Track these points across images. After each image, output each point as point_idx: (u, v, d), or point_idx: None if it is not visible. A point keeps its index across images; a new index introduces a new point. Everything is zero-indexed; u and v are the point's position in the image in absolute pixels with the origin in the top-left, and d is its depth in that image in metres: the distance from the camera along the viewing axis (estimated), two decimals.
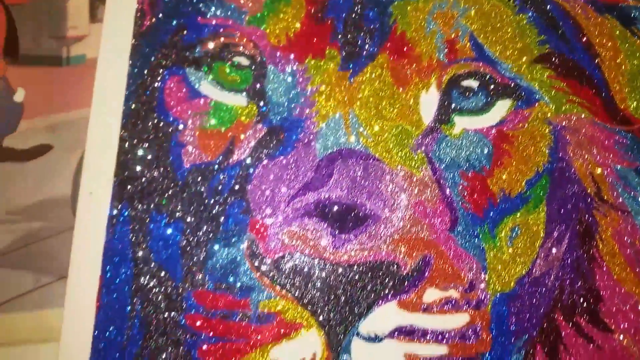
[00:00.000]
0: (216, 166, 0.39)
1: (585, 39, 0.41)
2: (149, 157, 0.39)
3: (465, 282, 0.38)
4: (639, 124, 0.41)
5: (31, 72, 0.42)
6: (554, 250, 0.39)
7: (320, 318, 0.37)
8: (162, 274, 0.38)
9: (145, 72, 0.40)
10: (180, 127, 0.39)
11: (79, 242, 0.38)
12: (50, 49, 0.41)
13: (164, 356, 0.37)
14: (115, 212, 0.38)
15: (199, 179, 0.39)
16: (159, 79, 0.39)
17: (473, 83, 0.40)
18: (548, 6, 0.41)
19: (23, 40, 0.41)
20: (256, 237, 0.38)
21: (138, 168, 0.39)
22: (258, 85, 0.40)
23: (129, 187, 0.38)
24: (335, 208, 0.39)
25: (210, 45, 0.40)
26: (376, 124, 0.40)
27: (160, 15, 0.41)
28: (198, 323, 0.37)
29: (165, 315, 0.37)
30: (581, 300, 0.38)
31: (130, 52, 0.40)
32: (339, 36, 0.40)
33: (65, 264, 0.38)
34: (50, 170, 0.41)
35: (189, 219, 0.38)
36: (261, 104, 0.39)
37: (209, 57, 0.40)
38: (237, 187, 0.39)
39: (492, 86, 0.40)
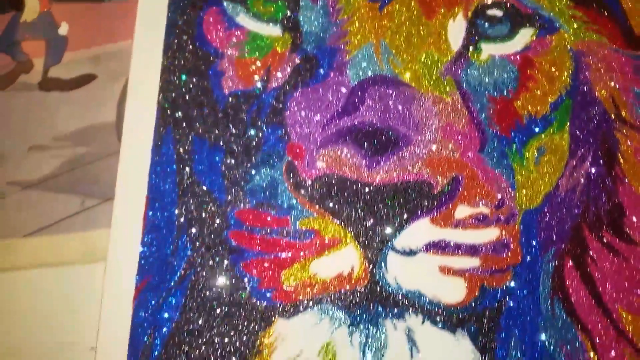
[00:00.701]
0: (254, 93, 0.41)
1: None
2: (190, 85, 0.41)
3: (495, 199, 0.39)
4: None
5: (75, 7, 0.42)
6: (578, 168, 0.41)
7: (357, 234, 0.39)
8: (206, 194, 0.39)
9: (185, 4, 0.41)
10: (219, 56, 0.41)
11: (125, 166, 0.38)
12: None
13: (208, 270, 0.39)
14: (159, 137, 0.40)
15: (238, 105, 0.41)
16: (198, 11, 0.41)
17: (497, 12, 0.41)
18: None
19: None
20: (294, 160, 0.40)
21: (180, 95, 0.40)
22: (292, 16, 0.41)
23: (171, 113, 0.41)
24: (369, 132, 0.40)
25: None
26: (406, 52, 0.41)
27: None
28: (241, 239, 0.39)
29: (210, 232, 0.39)
30: (606, 214, 0.40)
31: None
32: None
33: (110, 186, 0.39)
34: (94, 98, 0.41)
35: (229, 143, 0.40)
36: (295, 33, 0.41)
37: None
38: (274, 113, 0.40)
39: (515, 15, 0.41)
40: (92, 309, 0.38)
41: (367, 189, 0.39)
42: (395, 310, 0.37)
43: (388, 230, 0.38)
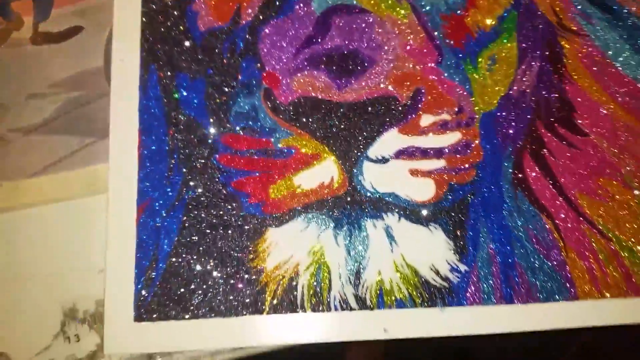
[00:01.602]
0: (227, 29, 0.43)
1: None
2: (169, 23, 0.42)
3: (455, 106, 0.42)
4: None
5: None
6: (527, 72, 0.43)
7: (334, 148, 0.41)
8: (193, 123, 0.41)
9: None
10: None
11: (116, 104, 0.40)
12: None
13: (201, 190, 0.41)
14: (144, 75, 0.42)
15: (214, 41, 0.42)
16: None
17: None
18: None
19: None
20: (270, 87, 0.42)
21: (160, 36, 0.42)
22: None
23: (154, 52, 0.42)
24: (337, 56, 0.43)
25: None
26: None
27: None
28: (229, 162, 0.41)
29: (200, 157, 0.41)
30: (557, 111, 0.42)
31: None
32: None
33: (105, 124, 0.40)
34: (83, 47, 0.43)
35: (209, 76, 0.42)
36: None
37: None
38: (248, 45, 0.42)
39: None
40: (98, 235, 0.40)
41: (339, 108, 0.42)
42: (374, 211, 0.40)
43: (362, 142, 0.42)
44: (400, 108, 0.41)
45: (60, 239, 0.40)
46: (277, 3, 0.42)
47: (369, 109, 0.41)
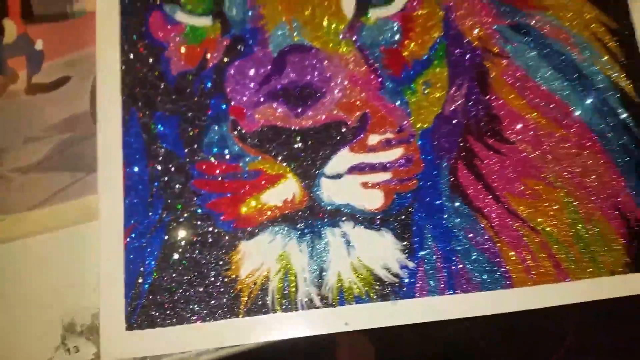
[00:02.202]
0: (196, 71, 0.48)
1: None
2: (145, 69, 0.48)
3: (396, 126, 0.47)
4: None
5: (46, 26, 0.48)
6: (457, 93, 0.48)
7: (294, 168, 0.46)
8: (170, 154, 0.46)
9: (133, 12, 0.48)
10: (165, 47, 0.48)
11: (102, 142, 0.45)
12: (57, 8, 0.48)
13: (180, 212, 0.46)
14: (126, 115, 0.48)
15: (185, 82, 0.48)
16: (144, 14, 0.48)
17: None
18: None
19: (35, 4, 0.48)
20: (236, 118, 0.47)
21: (138, 80, 0.47)
22: (219, 8, 0.48)
23: (133, 95, 0.47)
24: (292, 89, 0.48)
25: None
26: (312, 24, 0.48)
27: None
28: (203, 186, 0.46)
29: (178, 183, 0.45)
30: (485, 124, 0.47)
31: (118, 0, 0.48)
32: None
33: (93, 161, 0.45)
34: (71, 94, 0.47)
35: (183, 112, 0.46)
36: (223, 21, 0.48)
37: None
38: (215, 84, 0.47)
39: None
40: (92, 258, 0.45)
41: (297, 133, 0.47)
42: (332, 220, 0.45)
43: (318, 161, 0.47)
44: (349, 130, 0.46)
45: (58, 262, 0.45)
46: (239, 47, 0.48)
47: (323, 132, 0.46)
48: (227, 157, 0.45)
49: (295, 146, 0.46)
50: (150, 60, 0.47)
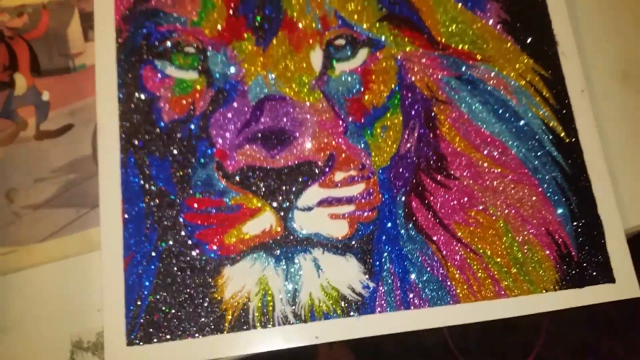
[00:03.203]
0: (185, 119, 0.54)
1: (409, 0, 0.59)
2: (140, 117, 0.53)
3: (359, 165, 0.54)
4: (451, 49, 0.58)
5: (52, 79, 0.54)
6: (410, 135, 0.55)
7: (271, 203, 0.52)
8: (163, 192, 0.52)
9: (128, 67, 0.54)
10: (157, 98, 0.54)
11: (103, 182, 0.51)
12: (60, 63, 0.54)
13: (172, 243, 0.52)
14: (123, 158, 0.53)
15: (176, 129, 0.54)
16: (137, 69, 0.54)
17: (342, 41, 0.56)
18: None
19: (42, 60, 0.54)
20: (220, 160, 0.53)
21: (134, 126, 0.53)
22: (204, 64, 0.55)
23: (130, 140, 0.53)
24: (269, 133, 0.54)
25: (168, 43, 0.55)
26: (285, 77, 0.55)
27: (132, 29, 0.55)
28: (192, 219, 0.53)
29: (170, 217, 0.51)
30: (434, 162, 0.54)
31: (115, 56, 0.54)
32: (251, 24, 0.56)
33: (95, 198, 0.51)
34: (75, 140, 0.53)
35: (173, 155, 0.53)
36: (208, 75, 0.55)
37: (168, 50, 0.55)
38: (201, 130, 0.53)
39: (354, 41, 0.56)
40: (95, 283, 0.51)
41: (273, 172, 0.54)
42: (304, 247, 0.51)
43: (292, 196, 0.54)
44: (318, 169, 0.53)
45: (66, 287, 0.51)
46: (221, 97, 0.54)
47: (296, 171, 0.53)
48: (213, 193, 0.52)
49: (272, 183, 0.52)
50: (145, 109, 0.54)
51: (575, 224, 0.55)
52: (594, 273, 0.54)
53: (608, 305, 0.54)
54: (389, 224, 0.53)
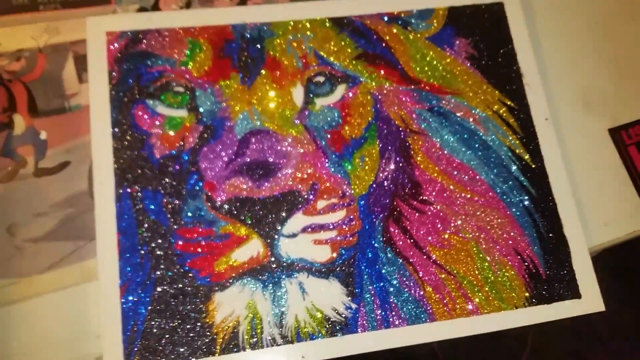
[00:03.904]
0: (175, 154, 0.57)
1: (382, 39, 0.63)
2: (133, 154, 0.56)
3: (340, 193, 0.58)
4: (423, 83, 0.62)
5: (48, 120, 0.57)
6: (387, 164, 0.59)
7: (258, 231, 0.55)
8: (156, 223, 0.55)
9: (121, 106, 0.57)
10: (149, 135, 0.57)
11: (100, 216, 0.54)
12: (57, 104, 0.58)
13: (165, 271, 0.54)
14: (118, 192, 0.56)
15: (167, 163, 0.56)
16: (129, 109, 0.57)
17: (321, 78, 0.60)
18: (357, 24, 0.63)
19: (39, 101, 0.57)
20: (209, 191, 0.56)
21: (127, 163, 0.56)
22: (192, 102, 0.58)
23: (124, 175, 0.56)
24: (255, 165, 0.57)
25: (158, 83, 0.59)
26: (268, 112, 0.59)
27: (124, 71, 0.58)
28: (184, 248, 0.55)
29: (162, 247, 0.54)
30: (409, 189, 0.58)
31: (108, 96, 0.58)
32: (236, 64, 0.60)
33: (92, 231, 0.54)
34: (72, 176, 0.56)
35: (165, 188, 0.56)
36: (197, 112, 0.58)
37: (158, 90, 0.58)
38: (191, 164, 0.56)
39: (332, 78, 0.60)
40: (94, 311, 0.54)
41: (259, 201, 0.57)
42: (289, 272, 0.54)
43: (277, 224, 0.57)
44: (302, 197, 0.56)
45: (66, 316, 0.53)
46: (209, 132, 0.57)
47: (281, 200, 0.56)
48: (203, 223, 0.55)
49: (259, 212, 0.55)
50: (137, 145, 0.57)
51: (542, 244, 0.59)
52: (561, 290, 0.57)
53: (594, 315, 0.57)
54: (369, 248, 0.56)
